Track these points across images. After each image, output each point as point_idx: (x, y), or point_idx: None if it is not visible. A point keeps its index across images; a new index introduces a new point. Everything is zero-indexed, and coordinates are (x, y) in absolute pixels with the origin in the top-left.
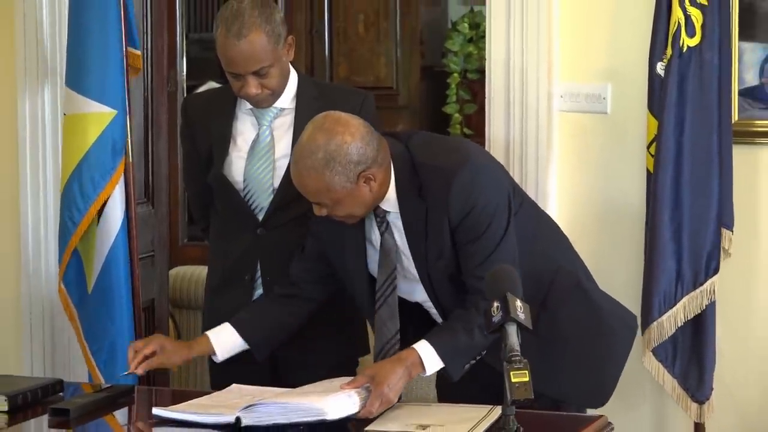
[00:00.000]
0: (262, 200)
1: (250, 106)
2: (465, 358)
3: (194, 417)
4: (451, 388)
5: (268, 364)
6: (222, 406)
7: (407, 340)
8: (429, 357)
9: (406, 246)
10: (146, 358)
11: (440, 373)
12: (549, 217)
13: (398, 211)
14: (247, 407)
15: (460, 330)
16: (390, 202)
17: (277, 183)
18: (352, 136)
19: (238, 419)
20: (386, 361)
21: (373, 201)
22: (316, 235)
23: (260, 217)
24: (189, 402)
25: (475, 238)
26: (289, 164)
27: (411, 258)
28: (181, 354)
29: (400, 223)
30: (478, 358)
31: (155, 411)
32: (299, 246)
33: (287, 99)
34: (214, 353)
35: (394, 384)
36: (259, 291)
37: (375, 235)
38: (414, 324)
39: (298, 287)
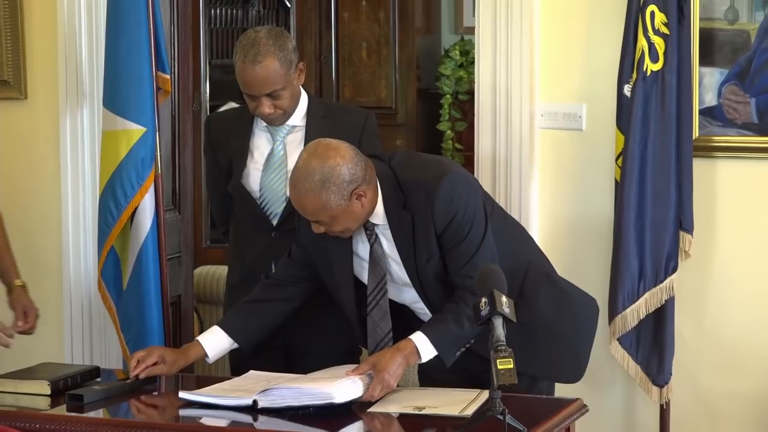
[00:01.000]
0: (276, 207)
1: (266, 124)
2: (456, 346)
3: (216, 400)
4: (429, 374)
5: (282, 352)
6: (241, 390)
7: (396, 338)
8: (424, 346)
9: (396, 253)
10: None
11: (426, 364)
12: (514, 219)
13: (386, 223)
14: (263, 391)
15: (451, 321)
16: (378, 215)
17: (289, 192)
18: (342, 159)
19: (255, 402)
20: (386, 350)
21: (364, 215)
22: (304, 247)
23: (274, 222)
24: (212, 386)
25: (459, 241)
26: None
27: (401, 263)
28: (179, 363)
29: (389, 233)
30: (467, 345)
31: (181, 394)
32: (287, 251)
33: (298, 117)
34: (207, 356)
35: (394, 371)
36: None
37: (362, 247)
38: (401, 323)
39: (280, 289)
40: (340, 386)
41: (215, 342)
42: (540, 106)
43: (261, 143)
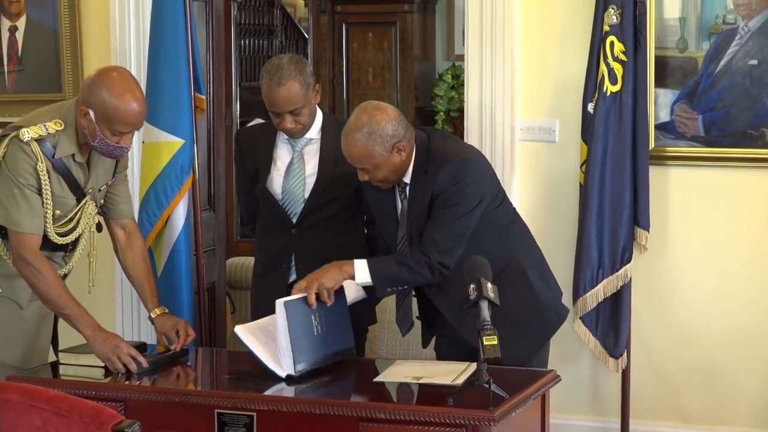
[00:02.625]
0: (295, 207)
1: (287, 137)
2: (390, 283)
3: (258, 354)
4: (444, 353)
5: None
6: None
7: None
8: (361, 269)
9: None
10: None
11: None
12: (525, 225)
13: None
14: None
15: (393, 261)
16: (409, 175)
17: (307, 194)
18: (388, 116)
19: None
20: (327, 264)
21: (402, 169)
22: (369, 203)
23: (294, 220)
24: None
25: (444, 207)
26: (316, 179)
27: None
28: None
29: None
30: (401, 288)
31: (237, 329)
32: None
33: (314, 131)
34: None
35: (325, 273)
36: (293, 276)
37: (398, 202)
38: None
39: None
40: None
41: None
42: (519, 122)
43: (283, 153)
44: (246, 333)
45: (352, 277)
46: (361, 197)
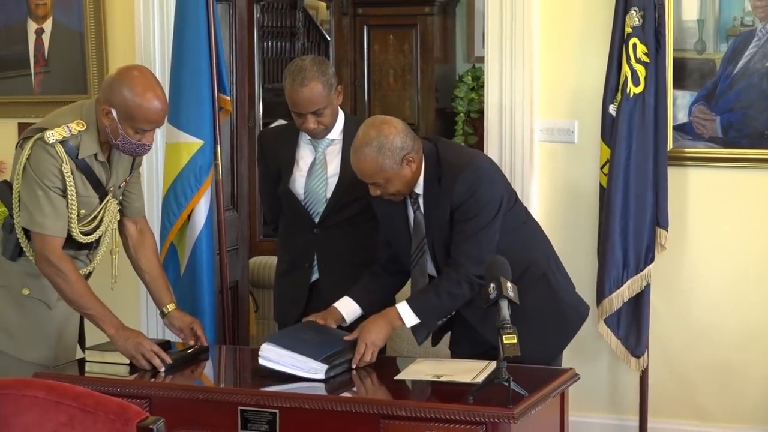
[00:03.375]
0: (318, 207)
1: (309, 138)
2: (437, 317)
3: (289, 370)
4: (460, 351)
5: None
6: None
7: None
8: (406, 314)
9: (423, 221)
10: None
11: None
12: (536, 222)
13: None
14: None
15: (432, 294)
16: (420, 185)
17: (329, 194)
18: (395, 129)
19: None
20: (373, 316)
21: (413, 180)
22: (379, 217)
23: (316, 220)
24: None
25: (467, 219)
26: (338, 180)
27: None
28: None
29: (422, 202)
30: (447, 318)
31: (261, 362)
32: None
33: (336, 132)
34: (344, 320)
35: (377, 334)
36: (315, 275)
37: (410, 214)
38: None
39: (383, 267)
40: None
41: (349, 308)
42: (538, 123)
43: (305, 154)
44: (270, 361)
45: (401, 324)
46: None
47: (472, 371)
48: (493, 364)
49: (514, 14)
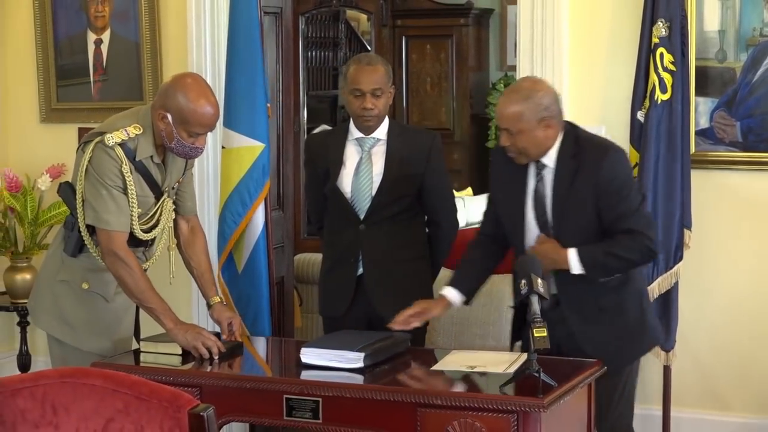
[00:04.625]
0: (363, 205)
1: (356, 138)
2: (601, 273)
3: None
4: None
5: (366, 322)
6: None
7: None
8: (574, 261)
9: (550, 196)
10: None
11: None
12: None
13: (553, 167)
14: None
15: (600, 251)
16: (550, 157)
17: (374, 192)
18: (547, 91)
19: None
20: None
21: (543, 146)
22: (492, 188)
23: (362, 217)
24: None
25: (621, 198)
26: (383, 178)
27: (551, 205)
28: (436, 310)
29: (550, 178)
30: (611, 276)
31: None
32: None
33: (382, 132)
34: (450, 305)
35: (552, 252)
36: (360, 270)
37: (530, 183)
38: None
39: (487, 238)
40: None
41: (452, 296)
42: None
43: (351, 154)
44: (310, 357)
45: (567, 267)
46: (423, 198)
47: (504, 362)
48: (524, 356)
49: (544, 25)
